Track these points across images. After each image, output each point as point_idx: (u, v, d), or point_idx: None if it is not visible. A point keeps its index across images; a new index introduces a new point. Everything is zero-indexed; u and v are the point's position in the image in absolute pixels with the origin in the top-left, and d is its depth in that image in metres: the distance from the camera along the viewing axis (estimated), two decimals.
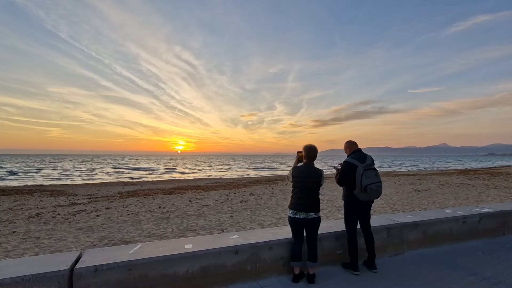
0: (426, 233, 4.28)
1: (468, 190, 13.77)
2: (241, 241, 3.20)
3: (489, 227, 4.82)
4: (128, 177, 33.79)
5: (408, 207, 9.32)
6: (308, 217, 3.11)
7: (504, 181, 18.60)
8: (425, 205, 9.67)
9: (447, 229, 4.44)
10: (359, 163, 3.40)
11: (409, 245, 4.14)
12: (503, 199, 10.84)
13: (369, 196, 3.35)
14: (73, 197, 13.79)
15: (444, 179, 20.54)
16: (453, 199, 11.12)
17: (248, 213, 8.50)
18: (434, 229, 4.34)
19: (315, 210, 3.13)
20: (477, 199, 11.00)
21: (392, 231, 4.03)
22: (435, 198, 11.41)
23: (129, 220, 7.67)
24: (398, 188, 15.21)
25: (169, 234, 6.11)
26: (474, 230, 4.69)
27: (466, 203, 10.07)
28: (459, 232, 4.55)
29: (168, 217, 7.94)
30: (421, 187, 15.65)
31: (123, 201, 11.56)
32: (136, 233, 6.21)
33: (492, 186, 15.57)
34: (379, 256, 3.88)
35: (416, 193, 13.14)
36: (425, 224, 4.29)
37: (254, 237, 3.34)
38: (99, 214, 8.57)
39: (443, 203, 10.08)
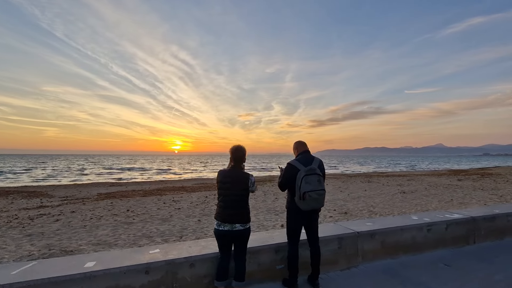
0: (385, 243, 3.88)
1: (455, 192, 13.45)
2: (159, 256, 2.77)
3: (457, 235, 4.43)
4: (117, 178, 33.21)
5: (387, 210, 8.95)
6: (233, 229, 2.68)
7: (493, 182, 18.33)
8: (406, 208, 9.30)
9: (409, 238, 4.05)
10: (302, 167, 2.98)
11: (364, 257, 3.73)
12: (488, 201, 10.51)
13: (308, 205, 2.91)
14: (47, 199, 13.27)
15: (433, 180, 20.25)
16: (437, 201, 10.77)
17: (195, 220, 7.99)
18: (394, 239, 3.94)
19: (241, 221, 2.71)
20: (462, 201, 10.66)
21: (345, 242, 3.62)
22: (418, 200, 11.05)
23: (88, 225, 7.20)
24: (384, 190, 14.86)
25: (121, 242, 5.66)
26: (440, 238, 4.29)
27: (449, 206, 9.73)
28: (423, 241, 4.15)
29: (131, 222, 7.49)
30: (408, 188, 15.31)
31: (95, 204, 11.07)
32: (86, 241, 5.75)
33: (480, 187, 15.27)
34: (329, 269, 3.49)
35: (401, 195, 12.78)
36: (384, 233, 3.89)
37: (177, 252, 2.92)
38: (60, 218, 8.09)
39: (425, 206, 9.72)
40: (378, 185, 17.61)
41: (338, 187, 16.36)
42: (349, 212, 8.61)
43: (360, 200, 11.15)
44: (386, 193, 13.46)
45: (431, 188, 15.09)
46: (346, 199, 11.64)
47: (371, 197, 12.02)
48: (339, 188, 16.04)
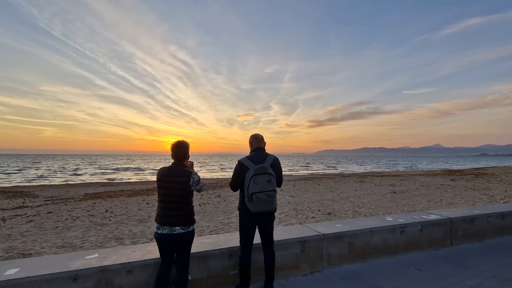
0: (354, 246, 3.65)
1: (446, 192, 13.27)
2: (93, 263, 2.53)
3: (433, 237, 4.21)
4: (110, 178, 32.89)
5: (373, 211, 8.73)
6: (172, 233, 2.45)
7: (486, 182, 18.18)
8: (393, 209, 9.09)
9: (380, 241, 3.82)
10: (252, 165, 2.74)
11: (330, 261, 3.50)
12: (477, 201, 10.32)
13: (256, 207, 2.66)
14: (30, 200, 12.98)
15: (426, 180, 20.07)
16: (426, 201, 10.57)
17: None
18: (363, 241, 3.71)
19: (182, 224, 2.47)
20: (451, 201, 10.47)
21: (308, 245, 3.39)
22: (407, 200, 10.85)
23: (61, 226, 6.94)
24: (375, 190, 14.65)
25: (87, 244, 5.42)
26: (415, 241, 4.07)
27: (438, 206, 9.52)
28: (395, 244, 3.93)
29: (105, 223, 7.24)
30: (399, 188, 15.11)
31: (77, 204, 10.80)
32: (51, 243, 5.50)
33: (472, 187, 15.10)
34: (289, 274, 3.26)
35: (391, 195, 12.58)
36: (352, 235, 3.66)
37: (116, 257, 2.68)
38: (34, 219, 7.83)
39: (413, 206, 9.51)
40: (371, 185, 17.41)
41: (329, 187, 16.15)
42: (334, 213, 8.38)
43: (348, 201, 10.94)
44: (376, 193, 13.25)
45: (422, 188, 14.90)
46: (335, 199, 11.42)
47: (360, 197, 11.81)
48: (330, 188, 15.83)
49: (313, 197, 12.16)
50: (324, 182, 20.24)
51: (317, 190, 14.92)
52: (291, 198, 11.88)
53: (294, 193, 13.40)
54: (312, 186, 16.85)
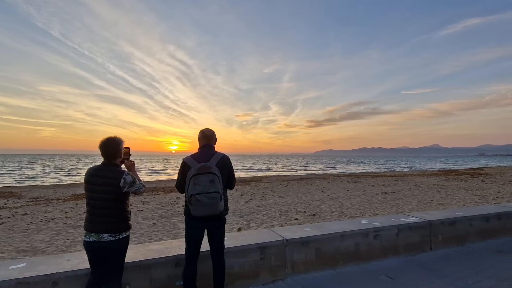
0: (322, 252, 3.39)
1: (438, 192, 13.02)
2: (13, 274, 2.25)
3: (410, 241, 3.95)
4: None
5: (360, 212, 8.47)
6: (99, 241, 2.17)
7: (481, 182, 17.97)
8: (381, 210, 8.83)
9: (351, 246, 3.56)
10: (195, 164, 2.47)
11: (295, 269, 3.24)
12: (468, 202, 10.08)
13: (197, 211, 2.37)
14: (14, 200, 12.68)
15: (421, 180, 19.84)
16: (416, 202, 10.32)
17: (150, 222, 7.40)
18: (333, 247, 3.45)
19: (111, 230, 2.19)
20: (442, 202, 10.23)
21: (270, 251, 3.12)
22: (397, 201, 10.60)
23: (31, 229, 6.66)
24: (367, 190, 14.41)
25: (51, 248, 5.14)
26: (391, 246, 3.81)
27: (428, 207, 9.28)
28: (369, 249, 3.66)
29: (79, 225, 6.96)
30: (392, 189, 14.87)
31: (59, 205, 10.51)
32: (13, 247, 5.22)
33: (466, 187, 14.87)
34: (248, 284, 2.99)
35: (382, 195, 12.33)
36: (320, 240, 3.39)
37: (44, 266, 2.40)
38: (7, 221, 7.54)
39: (402, 207, 9.26)
40: (364, 185, 17.17)
41: (321, 188, 15.89)
42: (319, 214, 8.12)
43: (337, 201, 10.68)
44: (367, 193, 13.00)
45: (415, 189, 14.66)
46: (324, 200, 11.16)
47: (350, 198, 11.55)
48: (322, 188, 15.57)
49: (302, 197, 11.90)
50: (318, 182, 19.99)
51: (309, 190, 14.66)
52: (279, 199, 11.61)
53: (284, 194, 13.14)
54: (304, 187, 16.59)
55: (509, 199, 10.68)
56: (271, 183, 19.64)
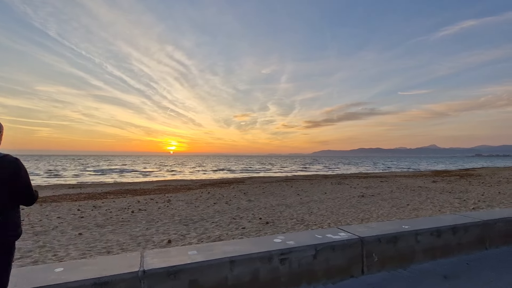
0: (198, 286, 2.55)
1: (419, 195, 12.25)
2: None
3: (334, 264, 3.13)
4: (81, 181, 31.61)
5: (322, 219, 7.64)
6: None
7: (468, 184, 17.22)
8: (348, 216, 8.01)
9: (246, 275, 2.72)
10: None
11: None
12: (445, 206, 9.28)
13: None
14: None
15: (407, 182, 19.09)
16: (390, 206, 9.52)
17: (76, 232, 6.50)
18: (217, 277, 2.61)
19: None
20: (418, 206, 9.44)
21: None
22: (370, 205, 9.80)
23: None
24: (345, 193, 13.61)
25: None
26: (305, 271, 2.99)
27: (401, 212, 8.48)
28: (273, 278, 2.83)
29: None
30: (373, 191, 14.08)
31: None
32: None
33: (450, 190, 14.11)
34: None
35: (358, 198, 11.53)
36: (198, 269, 2.55)
37: None
38: None
39: (372, 213, 8.45)
40: (346, 187, 16.39)
41: (299, 190, 15.06)
42: (274, 222, 7.28)
43: (305, 206, 9.86)
44: (344, 196, 12.19)
45: (397, 191, 13.88)
46: (292, 204, 10.33)
47: (322, 202, 10.74)
48: (300, 191, 14.75)
49: (271, 201, 11.07)
50: (300, 184, 19.18)
51: (284, 193, 13.84)
52: (246, 203, 10.77)
53: (255, 197, 12.30)
54: (282, 189, 15.77)
55: (490, 202, 9.91)
56: (250, 185, 18.81)
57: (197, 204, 10.45)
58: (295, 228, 6.52)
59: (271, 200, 11.55)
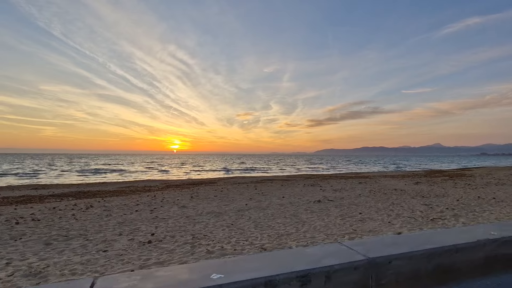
0: None
1: (387, 200, 10.70)
2: None
3: None
4: (63, 181, 30.46)
5: (226, 237, 6.14)
6: None
7: (451, 185, 15.58)
8: (270, 230, 6.51)
9: None
10: None
11: None
12: (401, 217, 7.73)
13: None
14: None
15: (386, 184, 17.49)
16: (336, 216, 7.99)
17: None
18: None
19: None
20: (369, 216, 7.89)
21: None
22: (315, 214, 8.28)
23: None
24: (308, 196, 12.12)
25: None
26: None
27: (342, 225, 6.96)
28: None
29: None
30: (337, 195, 12.54)
31: None
32: None
33: (426, 193, 12.53)
34: None
35: (311, 204, 10.03)
36: None
37: None
38: None
39: (305, 225, 6.94)
40: (315, 189, 14.87)
41: (257, 194, 13.56)
42: (161, 240, 5.76)
43: (237, 215, 8.36)
44: (298, 202, 10.66)
45: (365, 195, 12.32)
46: (227, 212, 8.85)
47: (264, 209, 9.24)
48: (257, 195, 13.25)
49: (211, 207, 9.59)
50: (269, 185, 17.68)
51: (238, 197, 12.36)
52: (178, 209, 9.31)
53: (197, 202, 10.83)
54: (242, 191, 14.30)
55: (460, 210, 8.33)
56: (215, 187, 17.35)
57: (116, 210, 9.01)
58: (176, 251, 5.01)
59: (212, 205, 10.09)
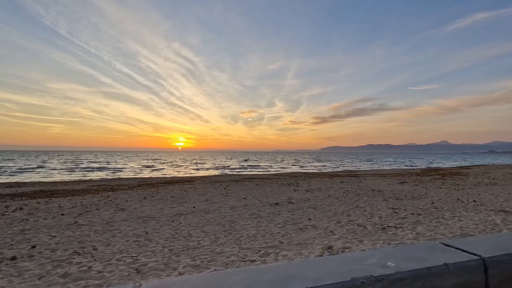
0: None
1: (353, 203, 9.63)
2: None
3: None
4: (44, 179, 29.79)
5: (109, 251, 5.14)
6: None
7: (438, 185, 14.36)
8: (185, 240, 5.49)
9: None
10: None
11: None
12: (338, 228, 6.64)
13: None
14: None
15: (368, 183, 16.31)
16: (282, 222, 6.94)
17: None
18: None
19: None
20: (314, 224, 6.84)
21: None
22: (260, 220, 7.25)
23: None
24: (282, 196, 11.06)
25: None
26: None
27: (278, 234, 5.91)
28: None
29: None
30: (307, 196, 11.47)
31: None
32: None
33: (403, 195, 11.38)
34: None
35: (266, 208, 8.99)
36: None
37: None
38: None
39: (241, 232, 5.91)
40: (288, 189, 13.82)
41: (215, 195, 12.55)
42: (26, 256, 4.79)
43: (172, 220, 7.36)
44: (255, 205, 9.63)
45: (338, 197, 11.23)
46: (160, 216, 7.85)
47: (206, 214, 8.22)
48: (215, 195, 12.23)
49: (149, 211, 8.62)
50: (244, 184, 16.64)
51: (195, 198, 11.37)
52: (110, 213, 8.34)
53: (132, 205, 9.87)
54: (204, 191, 13.29)
55: (425, 216, 7.19)
56: (186, 186, 16.37)
57: (39, 214, 8.06)
58: (30, 273, 4.00)
59: (157, 207, 9.09)
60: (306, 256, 4.47)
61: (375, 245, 4.98)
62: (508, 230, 5.84)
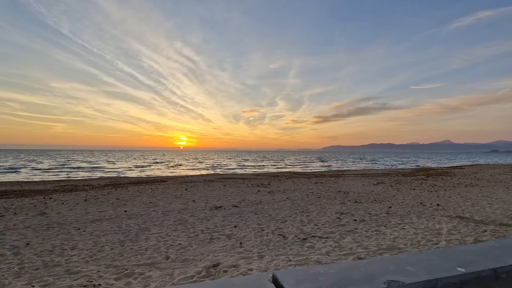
0: None
1: (301, 207, 8.76)
2: None
3: None
4: (22, 178, 29.11)
5: None
6: None
7: (414, 187, 13.42)
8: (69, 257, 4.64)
9: None
10: None
11: None
12: (254, 236, 5.76)
13: None
14: None
15: (343, 184, 15.40)
16: (196, 232, 6.07)
17: None
18: None
19: None
20: (231, 233, 5.97)
21: None
22: (177, 227, 6.39)
23: None
24: (237, 198, 10.20)
25: None
26: None
27: (179, 244, 5.05)
28: None
29: None
30: (270, 197, 10.61)
31: None
32: None
33: (367, 197, 10.49)
34: None
35: (213, 210, 8.15)
36: None
37: None
38: None
39: (138, 242, 5.05)
40: (252, 190, 12.94)
41: (167, 196, 11.70)
42: None
43: (78, 228, 6.51)
44: (196, 208, 8.77)
45: (296, 199, 10.36)
46: (71, 222, 7.01)
47: (129, 219, 7.35)
48: (166, 197, 11.39)
49: (71, 216, 7.78)
50: (212, 185, 15.78)
51: (146, 200, 10.53)
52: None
53: (64, 209, 9.04)
54: (161, 192, 12.45)
55: (366, 224, 6.29)
56: (148, 186, 15.53)
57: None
58: None
59: (87, 211, 8.26)
60: (173, 278, 3.59)
61: (273, 263, 4.10)
62: (448, 242, 4.92)
